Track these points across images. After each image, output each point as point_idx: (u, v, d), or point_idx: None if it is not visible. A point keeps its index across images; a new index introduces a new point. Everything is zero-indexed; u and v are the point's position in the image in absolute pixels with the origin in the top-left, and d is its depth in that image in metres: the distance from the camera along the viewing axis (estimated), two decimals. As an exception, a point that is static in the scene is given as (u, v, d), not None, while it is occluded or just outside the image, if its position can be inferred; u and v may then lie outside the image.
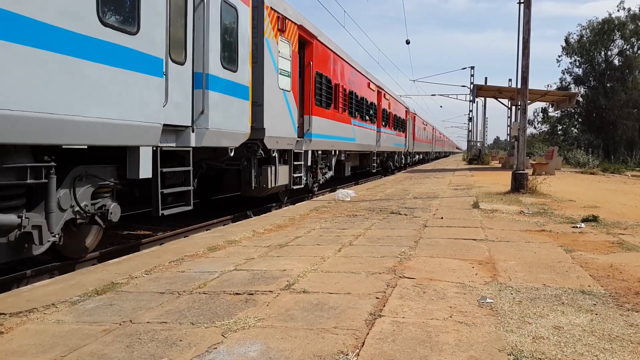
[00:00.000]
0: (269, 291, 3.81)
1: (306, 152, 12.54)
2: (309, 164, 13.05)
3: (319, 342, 2.79)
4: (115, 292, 3.91)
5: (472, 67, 43.22)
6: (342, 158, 16.81)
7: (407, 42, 34.75)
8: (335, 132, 15.28)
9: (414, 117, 36.58)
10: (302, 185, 12.35)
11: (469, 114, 47.46)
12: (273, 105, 10.24)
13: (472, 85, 38.13)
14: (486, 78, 43.10)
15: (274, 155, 10.37)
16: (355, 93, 18.08)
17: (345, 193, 11.57)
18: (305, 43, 12.60)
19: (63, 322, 3.22)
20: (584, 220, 7.21)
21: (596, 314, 3.24)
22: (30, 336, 2.99)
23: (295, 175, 11.79)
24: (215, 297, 3.69)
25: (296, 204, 11.72)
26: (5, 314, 3.39)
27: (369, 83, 20.72)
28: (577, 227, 6.76)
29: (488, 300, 3.51)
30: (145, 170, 5.81)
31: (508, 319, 3.14)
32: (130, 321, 3.21)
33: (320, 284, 4.01)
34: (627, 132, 53.08)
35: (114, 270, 4.66)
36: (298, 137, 11.90)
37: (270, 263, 4.80)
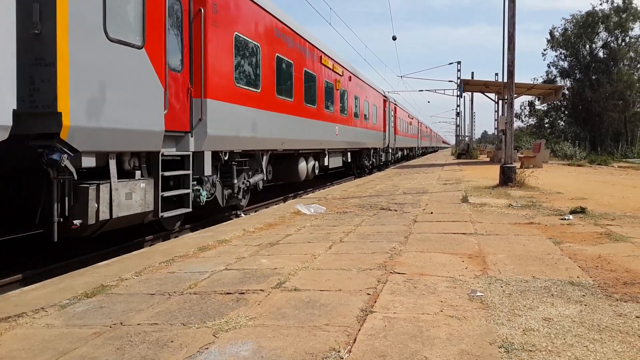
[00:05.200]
0: (260, 290, 3.81)
1: None
2: None
3: (310, 340, 2.79)
4: (105, 294, 3.88)
5: (459, 62, 43.19)
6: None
7: (394, 38, 34.72)
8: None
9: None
10: None
11: (456, 109, 47.39)
12: None
13: (459, 80, 38.15)
14: (473, 73, 43.48)
15: None
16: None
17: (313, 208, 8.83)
18: None
19: (53, 326, 3.19)
20: (572, 212, 7.27)
21: (585, 305, 3.27)
22: (19, 341, 2.96)
23: None
24: (206, 297, 3.68)
25: (287, 202, 11.71)
26: (-6, 320, 3.35)
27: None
28: (565, 219, 6.82)
29: (478, 294, 3.53)
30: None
31: (498, 312, 3.16)
32: (121, 323, 3.19)
33: (311, 281, 4.01)
34: (613, 124, 53.73)
35: (104, 273, 4.62)
36: None
37: (261, 262, 4.79)
